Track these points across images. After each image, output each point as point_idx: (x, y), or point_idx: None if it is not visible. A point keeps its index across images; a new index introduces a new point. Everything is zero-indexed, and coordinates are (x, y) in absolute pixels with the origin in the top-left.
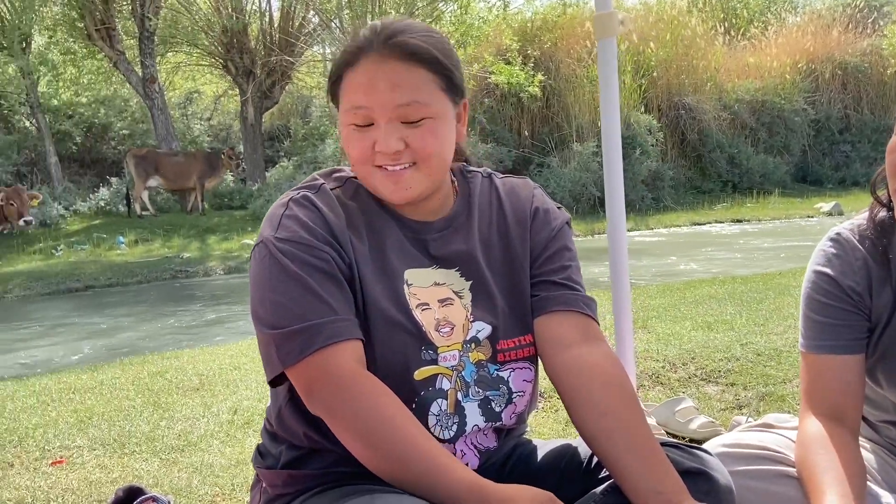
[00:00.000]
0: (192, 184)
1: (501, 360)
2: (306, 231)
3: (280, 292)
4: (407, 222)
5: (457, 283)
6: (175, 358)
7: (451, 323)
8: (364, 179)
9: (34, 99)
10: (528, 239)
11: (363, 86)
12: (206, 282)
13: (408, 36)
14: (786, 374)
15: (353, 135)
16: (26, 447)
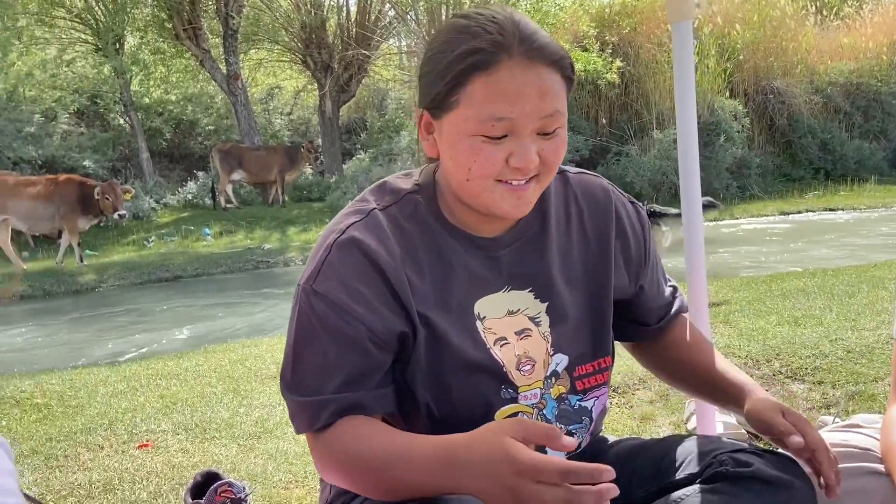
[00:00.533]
0: (274, 177)
1: (581, 388)
2: (344, 291)
3: (303, 353)
4: (475, 240)
5: (531, 306)
6: (254, 346)
7: (532, 360)
8: (474, 195)
9: (127, 97)
10: (613, 248)
11: (509, 94)
12: (285, 272)
13: (542, 37)
14: (877, 372)
15: (483, 147)
16: (116, 430)
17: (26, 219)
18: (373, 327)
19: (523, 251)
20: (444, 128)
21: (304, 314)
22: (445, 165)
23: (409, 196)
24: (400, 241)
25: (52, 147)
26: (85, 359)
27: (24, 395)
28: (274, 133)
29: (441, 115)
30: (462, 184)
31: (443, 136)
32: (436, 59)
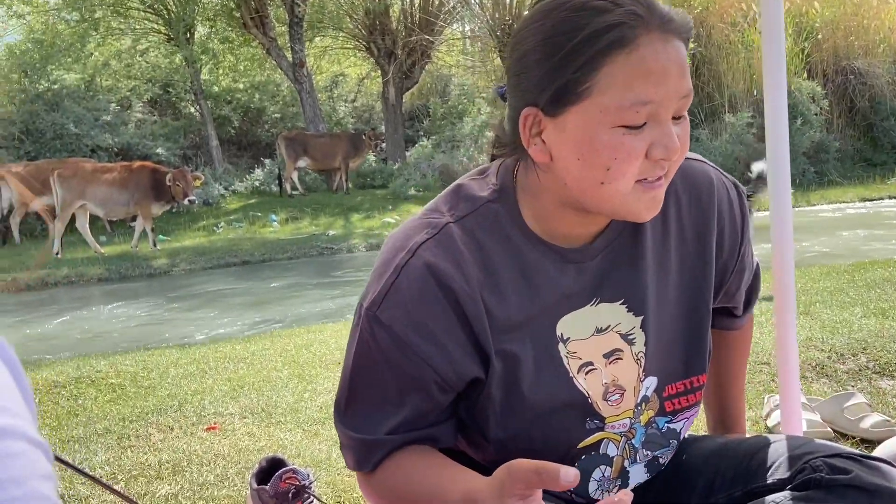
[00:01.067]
0: (338, 164)
1: (670, 409)
2: (411, 326)
3: (360, 385)
4: (564, 252)
5: (624, 321)
6: (319, 332)
7: (622, 388)
8: (605, 199)
9: (197, 86)
10: (713, 249)
11: (654, 73)
12: (349, 258)
13: (667, 7)
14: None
15: (625, 140)
16: (185, 412)
17: (103, 204)
18: (441, 371)
19: (614, 258)
20: (568, 125)
21: (365, 342)
22: (565, 170)
23: (488, 206)
24: (478, 261)
25: (127, 135)
26: (157, 340)
27: (100, 374)
28: (338, 120)
29: (562, 110)
30: (592, 189)
31: (564, 135)
32: (551, 45)
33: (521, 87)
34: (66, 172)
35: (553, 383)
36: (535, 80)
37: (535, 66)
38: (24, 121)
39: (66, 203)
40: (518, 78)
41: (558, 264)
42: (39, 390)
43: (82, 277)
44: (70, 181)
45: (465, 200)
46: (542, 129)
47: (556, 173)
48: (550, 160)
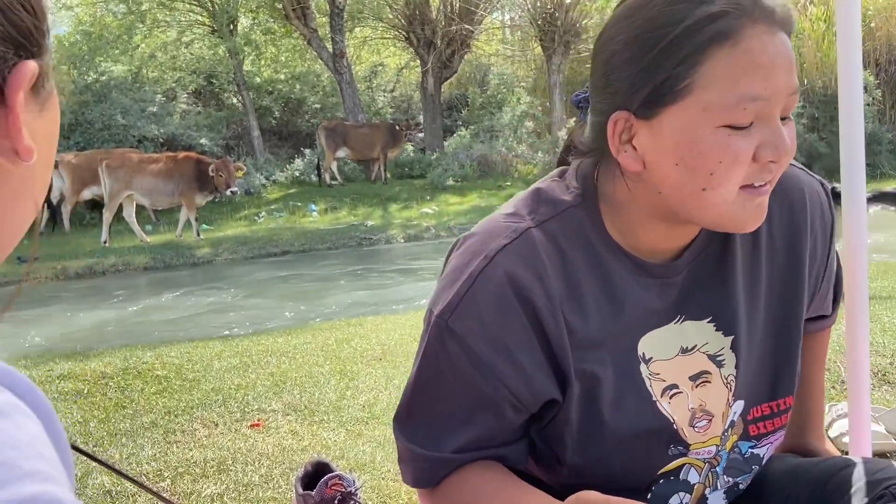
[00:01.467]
0: (377, 154)
1: (755, 433)
2: (487, 341)
3: (426, 396)
4: (648, 267)
5: (712, 341)
6: (359, 325)
7: (710, 413)
8: (706, 207)
9: (240, 77)
10: (806, 261)
11: (763, 66)
12: (387, 249)
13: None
14: None
15: (731, 141)
16: (229, 407)
17: (148, 194)
18: (516, 391)
19: (701, 273)
20: (665, 127)
21: (434, 352)
22: (661, 178)
23: (571, 211)
24: (560, 272)
25: (172, 125)
26: (200, 330)
27: (146, 366)
28: (377, 110)
29: (658, 111)
30: (692, 196)
31: (661, 139)
32: (645, 41)
33: (609, 90)
34: (113, 163)
35: (635, 407)
36: (625, 82)
37: (626, 66)
38: (74, 112)
39: (114, 193)
40: (605, 80)
41: (642, 279)
42: (88, 381)
43: (129, 266)
44: (117, 171)
45: (546, 204)
46: (633, 135)
47: (650, 182)
48: (643, 168)
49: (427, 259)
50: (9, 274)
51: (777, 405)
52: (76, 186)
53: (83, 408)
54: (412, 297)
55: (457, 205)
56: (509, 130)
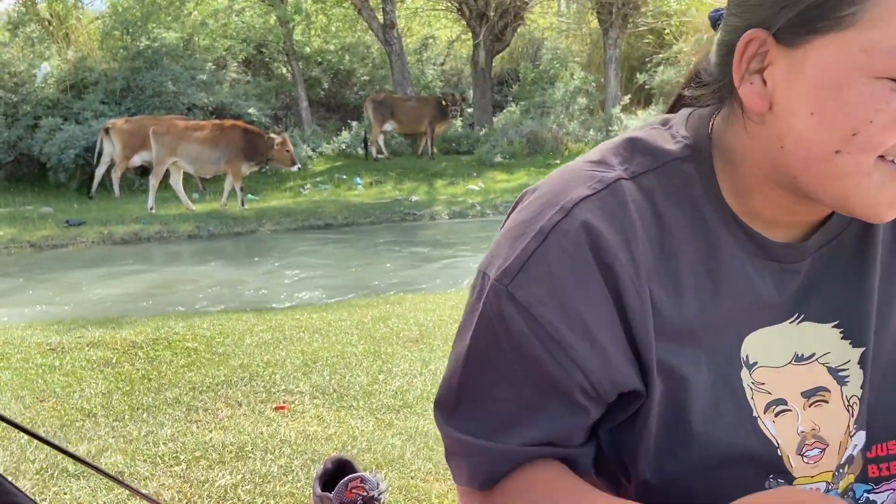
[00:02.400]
0: (424, 128)
1: (874, 475)
2: (559, 311)
3: (478, 378)
4: (767, 245)
5: (836, 351)
6: (398, 303)
7: (824, 441)
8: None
9: (290, 47)
10: None
11: None
12: (431, 225)
13: None
14: None
15: (889, 98)
16: (255, 387)
17: (194, 161)
18: (592, 374)
19: (833, 262)
20: (810, 62)
21: (489, 325)
22: (788, 126)
23: (675, 164)
24: (653, 238)
25: (221, 94)
26: (237, 301)
27: (177, 337)
28: (426, 84)
29: (804, 39)
30: (821, 158)
31: (800, 75)
32: None
33: (748, 2)
34: (160, 129)
35: (732, 422)
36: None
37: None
38: (126, 77)
39: (160, 159)
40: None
41: (758, 259)
42: (118, 350)
43: (173, 234)
44: (163, 138)
45: (644, 154)
46: (766, 64)
47: (773, 129)
48: (768, 108)
49: (471, 237)
50: (57, 237)
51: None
52: (126, 152)
53: (109, 378)
54: (454, 276)
55: (504, 182)
56: (561, 107)
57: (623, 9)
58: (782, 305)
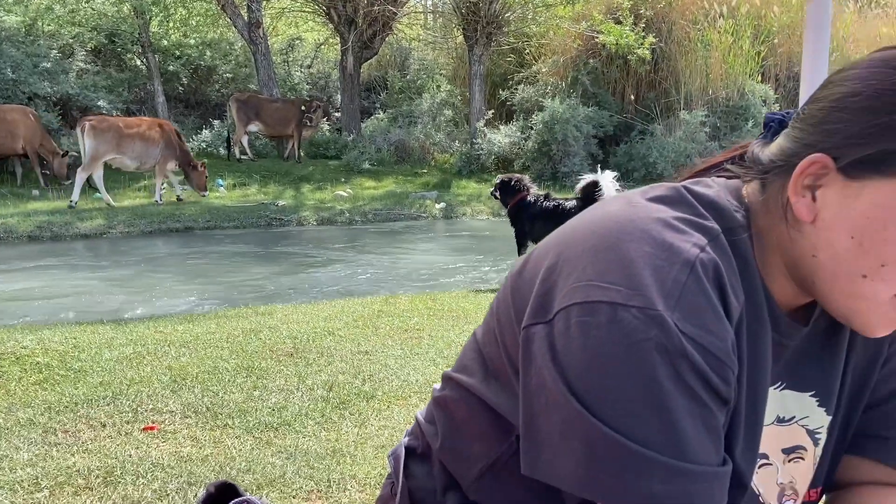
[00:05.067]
0: (291, 131)
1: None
2: (718, 330)
3: (665, 412)
4: (780, 319)
5: (813, 415)
6: (269, 314)
7: (797, 493)
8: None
9: (145, 38)
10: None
11: None
12: (300, 231)
13: None
14: None
15: None
16: (119, 406)
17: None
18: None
19: (814, 343)
20: (864, 196)
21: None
22: (826, 242)
23: (742, 229)
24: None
25: (67, 84)
26: (89, 311)
27: (25, 351)
28: (293, 86)
29: (867, 176)
30: (847, 277)
31: (852, 204)
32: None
33: (823, 127)
34: (101, 125)
35: (749, 461)
36: (848, 129)
37: (858, 114)
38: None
39: (99, 155)
40: (825, 115)
41: (773, 331)
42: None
43: (11, 233)
44: (105, 135)
45: (716, 213)
46: (821, 185)
47: (811, 239)
48: (811, 222)
49: (340, 244)
50: None
51: (819, 492)
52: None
53: None
54: (325, 286)
55: (372, 189)
56: (428, 117)
57: (487, 27)
58: (772, 373)
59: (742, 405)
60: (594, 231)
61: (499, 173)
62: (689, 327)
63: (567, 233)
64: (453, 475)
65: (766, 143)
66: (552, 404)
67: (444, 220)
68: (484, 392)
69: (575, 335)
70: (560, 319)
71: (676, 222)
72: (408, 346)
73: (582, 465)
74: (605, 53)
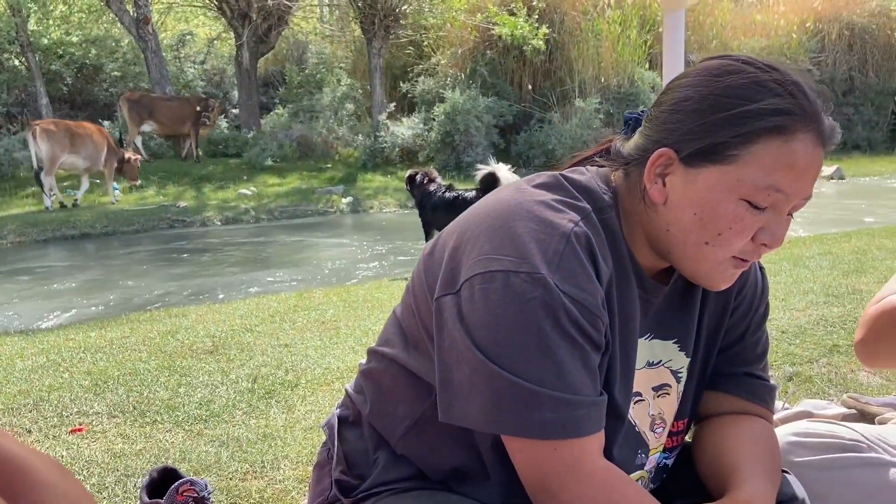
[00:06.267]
0: (187, 130)
1: (670, 446)
2: (590, 288)
3: (551, 355)
4: (645, 281)
5: (675, 359)
6: (183, 316)
7: (664, 422)
8: (696, 260)
9: (24, 37)
10: (731, 304)
11: (797, 168)
12: (204, 232)
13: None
14: (811, 353)
15: (745, 215)
16: (43, 412)
17: (89, 158)
18: (606, 330)
19: (674, 300)
20: (700, 180)
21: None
22: (675, 218)
23: (609, 208)
24: (610, 258)
25: None
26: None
27: None
28: (186, 83)
29: (701, 164)
30: (692, 245)
31: (692, 187)
32: (717, 103)
33: (667, 126)
34: (53, 128)
35: (625, 397)
36: (684, 127)
37: (692, 115)
38: None
39: (55, 157)
40: (667, 116)
41: (641, 291)
42: None
43: None
44: (57, 136)
45: (587, 195)
46: (668, 173)
47: (663, 217)
48: (663, 203)
49: (249, 243)
50: None
51: (685, 423)
52: None
53: None
54: (237, 284)
55: (276, 186)
56: (329, 111)
57: (385, 20)
58: (642, 326)
59: (617, 352)
60: (489, 214)
61: (404, 166)
62: (567, 287)
63: (468, 217)
64: (382, 435)
65: (626, 138)
66: (462, 359)
67: (351, 214)
68: (405, 360)
69: (478, 300)
70: (465, 289)
71: (555, 203)
72: (326, 337)
73: (487, 405)
74: (502, 45)
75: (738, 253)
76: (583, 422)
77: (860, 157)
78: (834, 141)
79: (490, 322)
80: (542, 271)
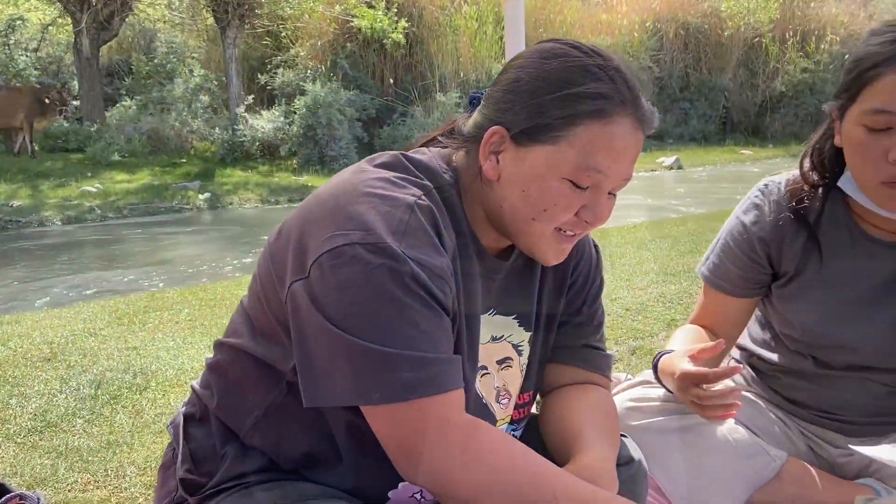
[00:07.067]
0: (19, 123)
1: (517, 418)
2: (436, 255)
3: (403, 318)
4: (486, 258)
5: (516, 333)
6: (16, 323)
7: (509, 393)
8: (526, 234)
9: None
10: (567, 282)
11: (615, 150)
12: (42, 232)
13: (648, 103)
14: (652, 328)
15: (567, 193)
16: None
17: None
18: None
19: (514, 277)
20: (528, 159)
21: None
22: (505, 194)
23: (450, 186)
24: (452, 233)
25: None
26: None
27: None
28: (18, 71)
29: (529, 144)
30: (521, 220)
31: (520, 165)
32: (546, 85)
33: (501, 105)
34: None
35: (472, 369)
36: (516, 107)
37: (523, 96)
38: None
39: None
40: (502, 95)
41: (482, 268)
42: None
43: None
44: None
45: (428, 174)
46: (501, 150)
47: (498, 193)
48: (497, 179)
49: (94, 243)
50: None
51: (531, 395)
52: None
53: None
54: (80, 287)
55: (125, 183)
56: (182, 104)
57: (239, 9)
58: (484, 303)
59: (463, 325)
60: (332, 195)
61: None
62: (414, 253)
63: (312, 201)
64: (231, 428)
65: (468, 117)
66: (319, 340)
67: (210, 210)
68: (254, 348)
69: (328, 277)
70: (314, 269)
71: (397, 180)
72: (180, 338)
73: (350, 378)
74: (362, 37)
75: (563, 226)
76: (442, 378)
77: (696, 149)
78: (653, 125)
79: (341, 296)
80: (388, 241)
